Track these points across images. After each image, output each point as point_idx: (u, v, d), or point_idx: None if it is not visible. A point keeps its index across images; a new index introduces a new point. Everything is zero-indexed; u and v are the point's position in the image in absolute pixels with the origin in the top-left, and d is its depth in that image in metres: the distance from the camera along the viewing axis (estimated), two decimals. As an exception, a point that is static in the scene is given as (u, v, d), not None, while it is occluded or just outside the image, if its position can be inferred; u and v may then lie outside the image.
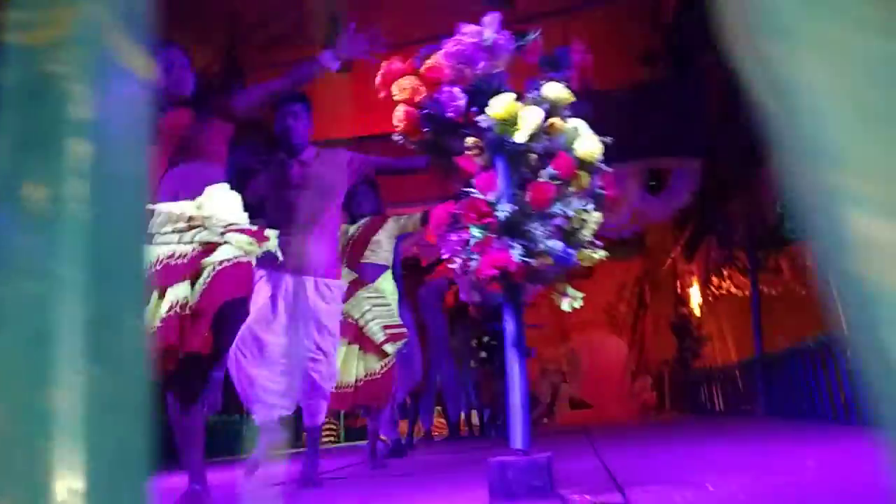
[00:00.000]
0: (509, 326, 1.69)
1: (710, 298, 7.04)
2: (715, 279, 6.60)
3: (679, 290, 7.97)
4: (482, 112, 1.64)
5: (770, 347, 4.79)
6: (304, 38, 5.22)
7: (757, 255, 5.61)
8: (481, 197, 1.62)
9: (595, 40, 2.96)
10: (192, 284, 2.23)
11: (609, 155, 1.78)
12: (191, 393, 2.25)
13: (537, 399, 9.32)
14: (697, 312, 7.24)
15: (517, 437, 1.61)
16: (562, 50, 1.75)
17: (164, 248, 2.28)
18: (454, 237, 1.71)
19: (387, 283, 3.78)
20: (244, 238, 2.30)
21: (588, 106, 1.70)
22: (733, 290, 6.80)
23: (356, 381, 3.52)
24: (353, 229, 3.86)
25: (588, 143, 1.67)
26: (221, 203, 2.34)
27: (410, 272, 5.11)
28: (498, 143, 1.67)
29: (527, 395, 1.67)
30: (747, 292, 6.29)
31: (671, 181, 5.66)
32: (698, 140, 5.47)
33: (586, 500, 1.51)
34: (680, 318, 7.22)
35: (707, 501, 1.42)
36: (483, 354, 5.92)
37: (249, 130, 2.59)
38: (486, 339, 5.87)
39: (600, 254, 1.84)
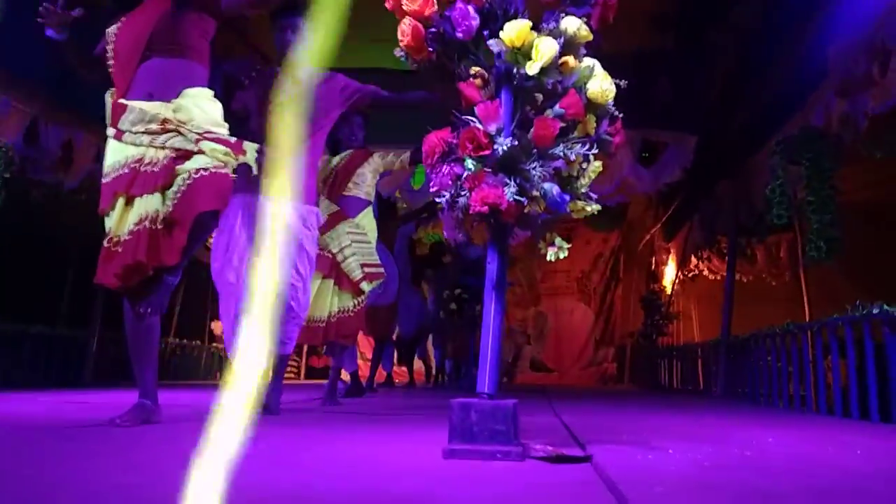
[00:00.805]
0: (491, 266, 1.63)
1: (685, 278, 7.09)
2: (693, 259, 6.63)
3: (653, 267, 8.01)
4: (494, 38, 1.53)
5: (737, 332, 4.84)
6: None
7: (738, 241, 5.62)
8: (481, 127, 1.53)
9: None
10: (164, 192, 2.12)
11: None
12: (148, 300, 2.17)
13: (499, 357, 9.41)
14: (669, 290, 7.29)
15: (485, 380, 1.57)
16: (586, -17, 1.65)
17: (134, 149, 2.15)
18: (446, 169, 1.63)
19: (367, 220, 3.70)
20: (220, 148, 2.18)
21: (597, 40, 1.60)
22: (707, 273, 6.85)
23: (329, 316, 3.46)
24: (336, 160, 3.74)
25: (601, 84, 1.58)
26: (200, 108, 2.21)
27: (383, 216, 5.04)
28: (506, 73, 1.58)
29: (500, 338, 1.61)
30: (720, 276, 6.34)
31: (664, 154, 5.60)
32: (697, 117, 5.40)
33: (548, 449, 1.48)
34: (650, 294, 7.26)
35: (671, 463, 1.39)
36: (453, 306, 5.91)
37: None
38: (457, 291, 5.85)
39: (594, 206, 1.77)
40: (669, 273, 7.46)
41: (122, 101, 2.17)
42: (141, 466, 1.39)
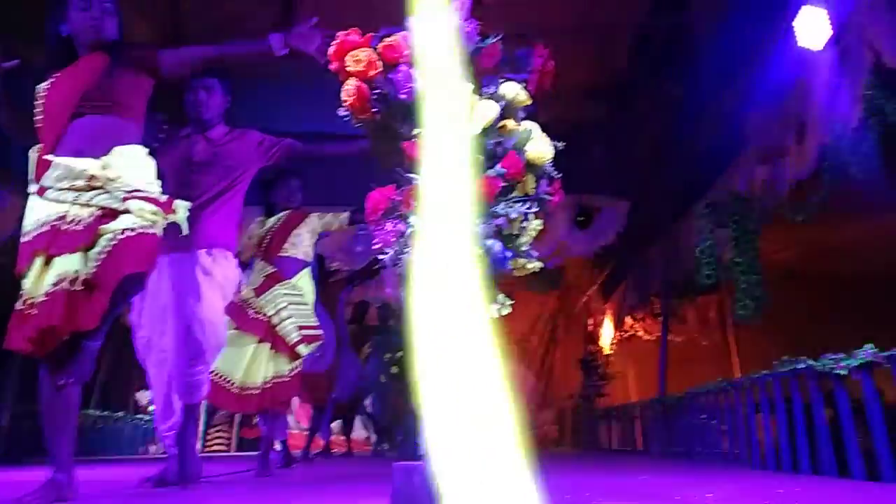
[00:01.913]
0: (436, 325, 1.62)
1: (620, 339, 7.24)
2: (628, 320, 6.79)
3: (590, 328, 8.16)
4: (436, 99, 1.58)
5: (671, 391, 4.94)
6: (256, 22, 5.04)
7: (671, 302, 5.82)
8: (425, 185, 1.54)
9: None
10: (86, 252, 2.02)
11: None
12: (69, 369, 2.03)
13: (440, 423, 9.24)
14: (606, 351, 7.42)
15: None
16: (524, 52, 1.73)
17: (57, 206, 2.05)
18: (389, 226, 1.63)
19: (305, 281, 3.62)
20: (148, 207, 2.10)
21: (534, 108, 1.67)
22: (642, 333, 7.03)
23: (263, 382, 3.32)
24: (272, 221, 3.70)
25: (539, 146, 1.64)
26: (131, 165, 2.14)
27: (323, 279, 4.97)
28: (448, 134, 1.61)
29: (445, 398, 1.58)
30: (654, 336, 6.51)
31: (598, 218, 5.81)
32: (629, 183, 5.66)
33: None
34: (588, 355, 7.36)
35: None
36: (395, 370, 5.80)
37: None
38: (399, 354, 5.77)
39: (535, 264, 1.80)
40: (606, 334, 7.61)
41: (47, 157, 2.09)
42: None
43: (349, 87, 1.60)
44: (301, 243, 3.64)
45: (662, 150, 5.44)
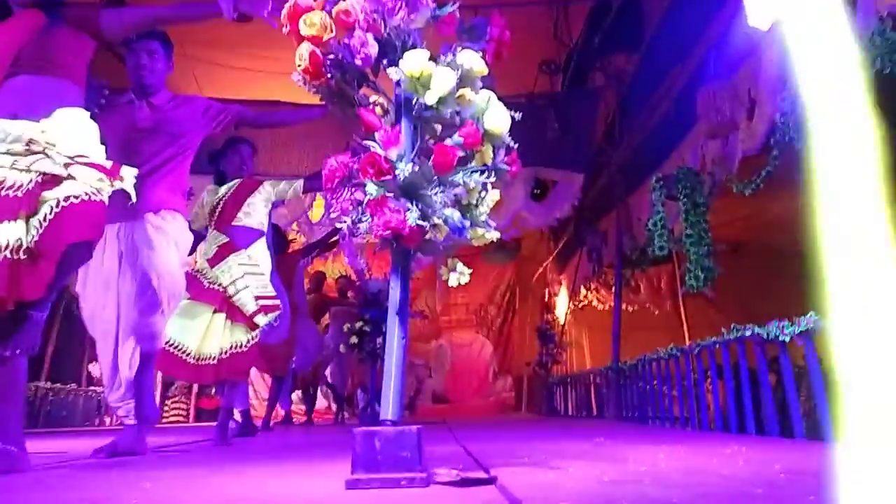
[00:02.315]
0: (394, 293, 1.63)
1: (575, 308, 7.39)
2: (583, 290, 6.92)
3: (547, 298, 8.30)
4: (393, 66, 1.56)
5: (625, 358, 5.08)
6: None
7: (623, 272, 5.95)
8: (382, 153, 1.54)
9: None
10: (27, 220, 1.96)
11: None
12: (13, 340, 1.98)
13: (399, 392, 9.34)
14: (562, 320, 7.57)
15: (388, 407, 1.55)
16: (480, 21, 1.72)
17: None
18: (347, 193, 1.62)
19: (260, 251, 3.58)
20: (93, 174, 2.03)
21: (491, 81, 1.67)
22: (596, 303, 7.18)
23: (220, 352, 3.29)
24: (223, 189, 3.63)
25: (497, 117, 1.64)
26: (73, 129, 2.06)
27: (278, 248, 4.92)
28: (406, 102, 1.61)
29: (403, 365, 1.61)
30: (608, 305, 6.67)
31: (554, 191, 5.87)
32: (584, 156, 5.73)
33: (453, 474, 1.47)
34: (545, 325, 7.50)
35: (572, 481, 1.43)
36: (354, 339, 5.82)
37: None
38: (359, 324, 5.78)
39: (493, 234, 1.82)
40: (562, 304, 7.75)
41: None
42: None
43: (302, 52, 1.57)
44: (255, 212, 3.59)
45: (616, 124, 5.51)
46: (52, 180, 1.98)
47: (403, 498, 1.30)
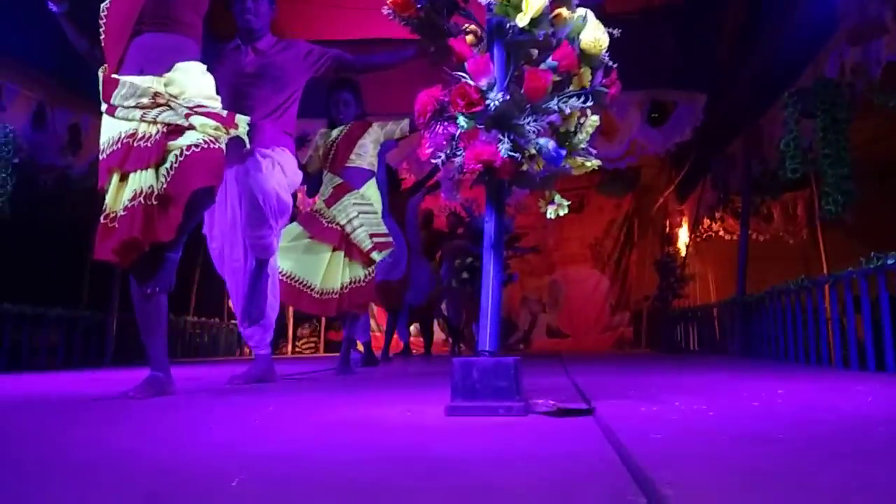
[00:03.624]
0: (489, 226, 1.62)
1: (698, 240, 7.02)
2: (706, 221, 6.55)
3: (667, 230, 7.93)
4: (482, -10, 1.50)
5: (752, 292, 4.79)
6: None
7: (752, 199, 5.54)
8: (472, 83, 1.50)
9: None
10: (157, 168, 2.12)
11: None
12: (154, 278, 2.19)
13: (515, 325, 9.42)
14: (683, 252, 7.23)
15: (485, 338, 1.56)
16: (577, -68, 1.60)
17: (126, 124, 2.15)
18: (439, 128, 1.60)
19: (372, 190, 3.68)
20: (210, 122, 2.16)
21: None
22: (722, 233, 6.77)
23: (342, 287, 3.47)
24: (335, 133, 3.73)
25: (594, 34, 1.54)
26: (192, 82, 2.19)
27: (391, 187, 5.01)
28: (498, 27, 1.55)
29: (499, 297, 1.61)
30: (735, 236, 6.26)
31: (673, 114, 5.50)
32: (706, 74, 5.28)
33: (549, 403, 1.48)
34: (665, 257, 7.20)
35: (673, 414, 1.39)
36: (465, 275, 5.90)
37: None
38: (469, 260, 5.84)
39: (593, 162, 1.74)
40: (683, 235, 7.39)
41: (113, 76, 2.17)
42: (147, 434, 1.42)
43: (391, -17, 1.54)
44: (365, 153, 3.67)
45: (742, 37, 5.00)
46: (175, 130, 2.13)
47: (499, 425, 1.32)
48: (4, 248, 4.19)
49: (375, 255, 3.56)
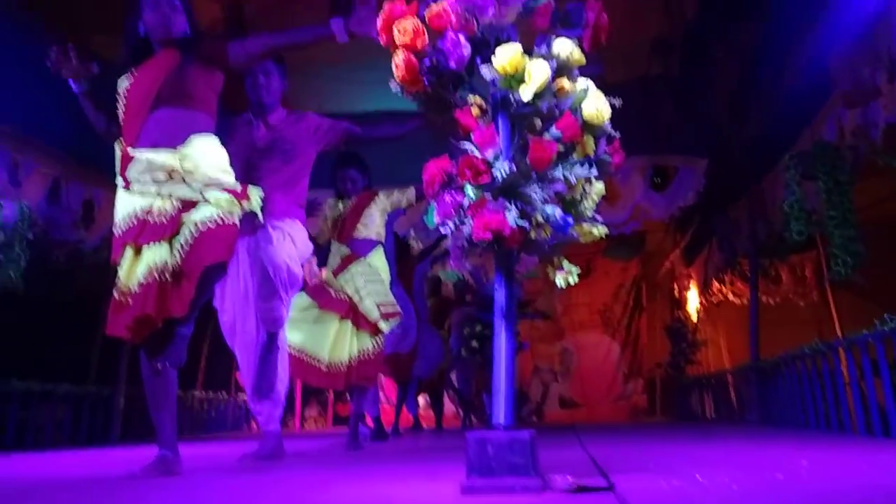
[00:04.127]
0: (499, 294, 1.60)
1: (708, 304, 6.95)
2: (715, 284, 6.50)
3: (676, 294, 7.88)
4: (487, 64, 1.54)
5: (765, 356, 4.70)
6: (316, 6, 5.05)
7: (759, 261, 5.51)
8: (478, 154, 1.52)
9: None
10: (171, 242, 2.14)
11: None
12: (164, 353, 2.17)
13: (527, 396, 9.24)
14: (693, 317, 7.15)
15: (500, 412, 1.52)
16: (575, 6, 1.66)
17: (142, 199, 2.18)
18: (447, 198, 1.62)
19: (379, 260, 3.69)
20: (224, 196, 2.19)
21: (600, 67, 1.60)
22: (731, 296, 6.71)
23: (350, 359, 3.43)
24: (342, 204, 3.78)
25: (596, 104, 1.57)
26: (206, 156, 2.24)
27: (399, 256, 5.03)
28: (502, 100, 1.58)
29: (512, 367, 1.57)
30: (745, 300, 6.20)
31: (676, 179, 5.55)
32: (706, 139, 5.37)
33: (568, 480, 1.42)
34: (675, 322, 7.12)
35: (696, 490, 1.33)
36: (474, 344, 5.83)
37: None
38: (478, 328, 5.79)
39: (600, 229, 1.74)
40: (693, 299, 7.33)
41: (130, 150, 2.21)
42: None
43: (398, 60, 1.59)
44: (372, 223, 3.70)
45: (740, 102, 5.11)
46: (190, 204, 2.16)
47: (516, 504, 1.27)
48: (15, 323, 4.18)
49: (383, 325, 3.54)
